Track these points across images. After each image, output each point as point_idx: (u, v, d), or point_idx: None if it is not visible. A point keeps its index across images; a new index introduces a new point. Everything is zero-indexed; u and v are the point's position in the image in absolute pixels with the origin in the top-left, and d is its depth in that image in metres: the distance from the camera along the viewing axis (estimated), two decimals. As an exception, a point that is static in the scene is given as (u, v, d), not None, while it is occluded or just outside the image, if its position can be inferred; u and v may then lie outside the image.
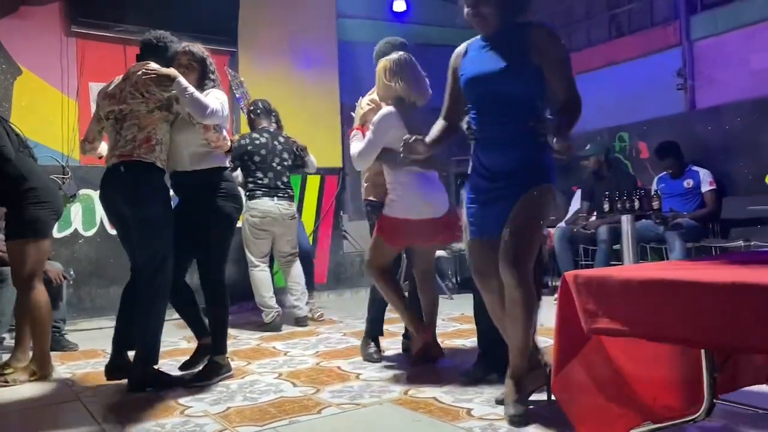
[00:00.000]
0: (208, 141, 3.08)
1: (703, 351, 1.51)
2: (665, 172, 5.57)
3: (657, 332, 1.32)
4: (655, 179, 5.68)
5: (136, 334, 3.00)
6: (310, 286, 5.07)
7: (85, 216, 5.11)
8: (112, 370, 3.12)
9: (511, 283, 2.28)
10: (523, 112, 2.30)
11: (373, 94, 3.39)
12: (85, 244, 5.11)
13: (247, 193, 4.59)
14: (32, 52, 5.03)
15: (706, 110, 5.79)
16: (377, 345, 3.50)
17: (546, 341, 3.67)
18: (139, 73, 2.98)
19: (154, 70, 2.95)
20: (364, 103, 3.43)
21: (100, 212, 5.17)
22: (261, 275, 4.64)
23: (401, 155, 2.62)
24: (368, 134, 3.09)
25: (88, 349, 4.12)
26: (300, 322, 4.71)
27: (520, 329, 2.31)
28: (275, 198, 4.57)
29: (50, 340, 3.44)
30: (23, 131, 3.40)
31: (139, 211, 2.95)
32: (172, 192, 3.19)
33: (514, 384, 2.33)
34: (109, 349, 3.22)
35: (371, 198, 3.40)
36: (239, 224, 3.62)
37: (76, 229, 5.08)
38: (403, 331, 3.63)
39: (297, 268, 4.77)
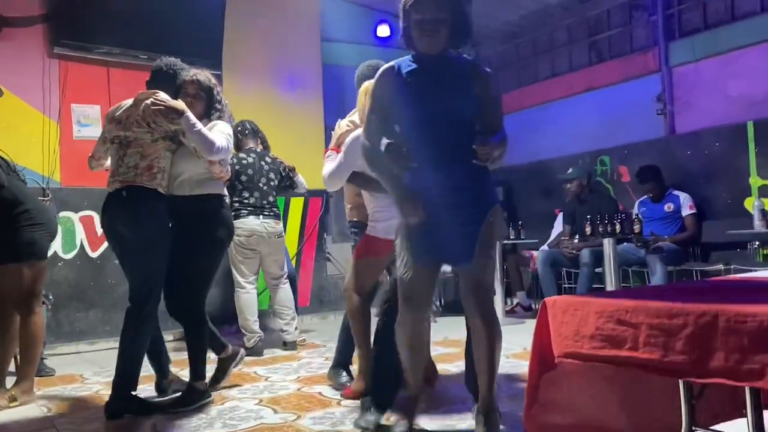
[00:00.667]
0: (213, 173, 3.13)
1: (681, 381, 1.51)
2: (646, 196, 5.63)
3: (629, 359, 1.32)
4: (636, 203, 5.74)
5: (118, 359, 2.98)
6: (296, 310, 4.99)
7: (65, 238, 5.05)
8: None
9: (488, 316, 2.28)
10: (470, 134, 2.27)
11: (353, 116, 3.39)
12: (65, 267, 5.04)
13: (233, 213, 4.53)
14: (14, 73, 5.00)
15: (685, 135, 5.88)
16: (349, 373, 3.38)
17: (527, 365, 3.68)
18: (149, 102, 2.99)
19: (164, 101, 2.97)
20: (343, 124, 3.43)
21: (80, 235, 5.12)
22: (247, 297, 4.57)
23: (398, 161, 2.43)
24: (339, 156, 3.09)
25: (66, 374, 4.04)
26: (289, 346, 4.66)
27: (496, 362, 2.32)
28: (261, 216, 4.56)
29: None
30: (4, 153, 3.35)
31: (139, 235, 2.97)
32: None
33: (485, 419, 2.30)
34: (86, 373, 3.17)
35: (355, 219, 3.40)
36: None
37: (55, 252, 5.01)
38: None
39: (286, 292, 4.72)
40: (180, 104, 2.99)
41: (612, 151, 6.41)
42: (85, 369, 4.18)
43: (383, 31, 6.80)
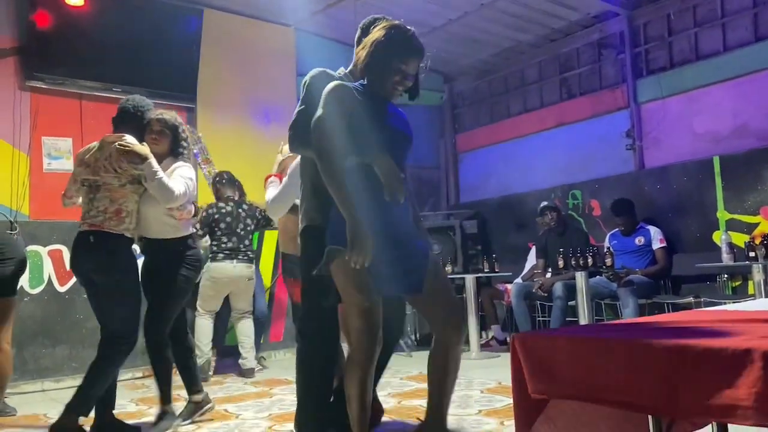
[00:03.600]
0: (174, 217, 3.27)
1: (650, 417, 1.51)
2: (617, 229, 5.71)
3: (599, 395, 1.32)
4: (608, 236, 5.82)
5: (83, 381, 3.02)
6: (258, 344, 5.39)
7: (32, 273, 4.94)
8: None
9: (458, 342, 2.33)
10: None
11: None
12: (31, 302, 4.92)
13: (210, 255, 4.98)
14: (-16, 105, 4.95)
15: (654, 170, 6.00)
16: None
17: (502, 400, 3.66)
18: (115, 145, 3.07)
19: (128, 145, 3.07)
20: (285, 150, 3.42)
21: (48, 269, 5.02)
22: (203, 323, 4.99)
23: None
24: (284, 180, 3.07)
25: (29, 414, 3.92)
26: (247, 374, 4.98)
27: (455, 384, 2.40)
28: (235, 260, 4.97)
29: None
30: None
31: (109, 279, 3.06)
32: (138, 251, 3.37)
33: None
34: (51, 413, 3.08)
35: (289, 252, 3.35)
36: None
37: (21, 287, 4.89)
38: None
39: (247, 324, 5.13)
40: (144, 149, 3.10)
41: (583, 185, 6.51)
42: (50, 408, 4.05)
43: (358, 66, 6.88)
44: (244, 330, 5.12)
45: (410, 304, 2.41)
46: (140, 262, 3.32)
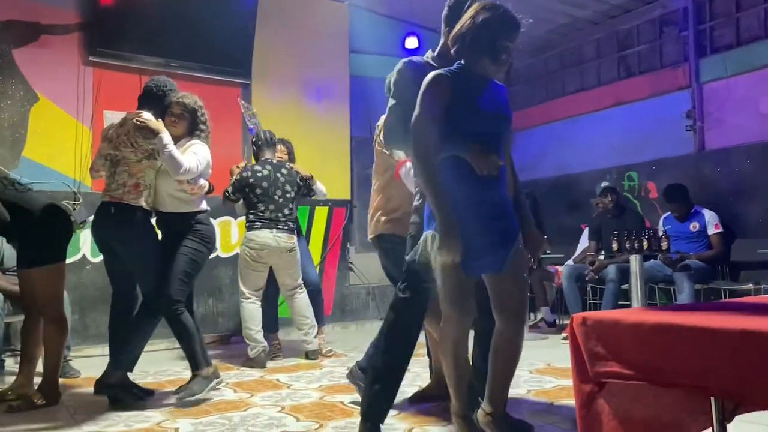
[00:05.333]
0: (184, 190, 3.42)
1: (712, 399, 1.48)
2: (670, 213, 5.56)
3: (664, 378, 1.30)
4: (661, 219, 5.67)
5: (120, 341, 3.34)
6: (320, 319, 4.91)
7: (94, 242, 5.12)
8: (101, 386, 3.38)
9: (519, 331, 2.36)
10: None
11: None
12: (93, 270, 5.11)
13: (247, 224, 4.56)
14: (50, 79, 5.12)
15: (715, 152, 5.81)
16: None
17: (552, 381, 3.64)
18: (133, 120, 3.27)
19: (144, 120, 3.25)
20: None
21: (109, 239, 5.19)
22: (251, 308, 4.51)
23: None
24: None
25: (91, 377, 4.08)
26: (310, 355, 4.64)
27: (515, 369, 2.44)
28: (274, 230, 4.48)
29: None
30: (38, 157, 3.48)
31: (130, 248, 3.31)
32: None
33: (499, 420, 2.37)
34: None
35: (391, 233, 3.08)
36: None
37: (84, 255, 5.10)
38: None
39: (302, 301, 4.66)
40: (157, 124, 3.27)
41: (640, 166, 6.35)
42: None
43: (411, 43, 6.82)
44: (299, 308, 4.64)
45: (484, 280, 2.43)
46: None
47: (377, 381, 2.50)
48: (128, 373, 3.43)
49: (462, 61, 2.36)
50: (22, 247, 3.32)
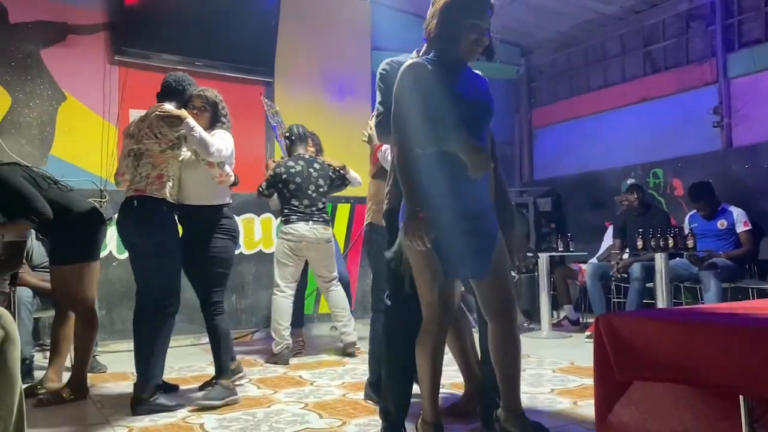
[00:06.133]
0: (213, 176, 3.36)
1: (741, 398, 1.47)
2: (695, 211, 5.47)
3: (691, 377, 1.28)
4: (687, 217, 5.59)
5: (142, 355, 3.16)
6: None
7: (119, 239, 5.19)
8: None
9: (511, 325, 2.35)
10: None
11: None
12: (119, 267, 5.19)
13: (282, 219, 4.65)
14: (77, 79, 5.20)
15: (743, 148, 5.70)
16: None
17: (575, 380, 3.62)
18: (155, 112, 3.25)
19: (166, 110, 3.23)
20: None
21: (134, 236, 5.26)
22: (282, 302, 4.53)
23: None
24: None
25: (118, 372, 4.16)
26: (347, 348, 4.66)
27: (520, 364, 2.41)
28: (310, 222, 4.56)
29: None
30: (65, 155, 3.51)
31: (150, 240, 3.20)
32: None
33: (516, 417, 2.34)
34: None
35: (377, 222, 3.11)
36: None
37: (110, 252, 5.17)
38: None
39: (339, 293, 4.71)
40: (181, 111, 3.26)
41: (665, 163, 6.26)
42: (136, 367, 4.29)
43: (433, 40, 6.80)
44: (336, 301, 4.69)
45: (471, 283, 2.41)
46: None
47: (390, 382, 2.52)
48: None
49: (433, 53, 2.31)
50: (59, 244, 3.40)
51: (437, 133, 2.21)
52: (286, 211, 4.61)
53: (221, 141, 3.31)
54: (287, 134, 4.86)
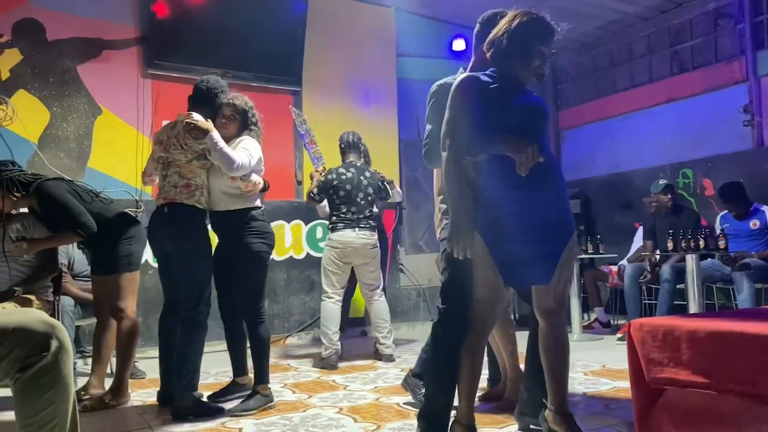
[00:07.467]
0: (239, 187, 3.36)
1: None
2: (727, 212, 5.42)
3: (721, 385, 1.30)
4: (718, 217, 5.53)
5: (176, 363, 3.22)
6: None
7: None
8: (164, 398, 3.39)
9: (561, 325, 2.43)
10: (548, 159, 2.33)
11: None
12: (155, 274, 5.26)
13: (330, 226, 4.72)
14: (112, 92, 5.35)
15: (774, 147, 5.64)
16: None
17: (608, 383, 3.62)
18: (182, 123, 3.27)
19: (194, 121, 3.23)
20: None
21: (169, 244, 5.39)
22: (331, 307, 4.61)
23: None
24: None
25: (157, 378, 4.25)
26: (386, 359, 4.69)
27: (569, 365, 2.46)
28: (356, 228, 4.62)
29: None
30: (102, 167, 3.62)
31: (181, 247, 3.24)
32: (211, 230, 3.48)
33: (563, 417, 2.36)
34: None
35: None
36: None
37: (146, 260, 5.29)
38: None
39: (382, 304, 4.77)
40: (207, 124, 3.23)
41: (695, 163, 6.22)
42: (174, 373, 4.39)
43: (459, 45, 6.83)
44: (379, 311, 4.73)
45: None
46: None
47: (432, 387, 2.53)
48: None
49: (495, 68, 2.38)
50: (102, 255, 3.53)
51: (487, 138, 2.27)
52: (334, 218, 4.69)
53: (244, 153, 3.26)
54: (340, 142, 4.92)
